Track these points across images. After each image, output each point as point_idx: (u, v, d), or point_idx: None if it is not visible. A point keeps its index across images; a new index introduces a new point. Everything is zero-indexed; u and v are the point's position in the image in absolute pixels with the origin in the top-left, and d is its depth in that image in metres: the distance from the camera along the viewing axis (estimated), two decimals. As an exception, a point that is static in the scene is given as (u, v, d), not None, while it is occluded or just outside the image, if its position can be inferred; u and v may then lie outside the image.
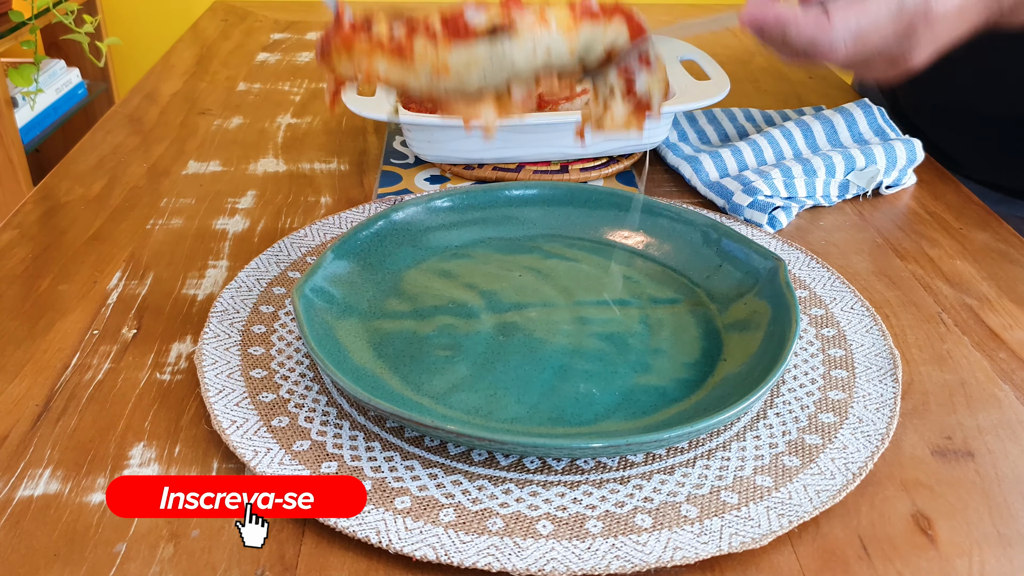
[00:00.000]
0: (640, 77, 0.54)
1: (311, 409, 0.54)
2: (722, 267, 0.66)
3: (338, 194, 0.83)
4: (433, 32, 0.50)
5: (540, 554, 0.45)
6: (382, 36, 0.51)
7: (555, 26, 0.52)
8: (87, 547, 0.46)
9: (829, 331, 0.62)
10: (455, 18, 0.51)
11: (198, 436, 0.53)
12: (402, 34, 0.50)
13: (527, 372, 0.58)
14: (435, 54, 0.50)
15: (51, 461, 0.51)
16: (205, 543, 0.46)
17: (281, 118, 1.00)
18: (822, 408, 0.55)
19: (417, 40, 0.50)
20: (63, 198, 0.82)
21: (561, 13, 0.52)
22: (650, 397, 0.56)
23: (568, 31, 0.52)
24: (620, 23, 0.53)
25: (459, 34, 0.50)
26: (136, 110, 1.03)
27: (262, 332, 0.61)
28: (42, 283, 0.68)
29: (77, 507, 0.48)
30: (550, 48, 0.51)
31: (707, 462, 0.51)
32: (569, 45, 0.52)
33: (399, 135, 0.94)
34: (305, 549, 0.46)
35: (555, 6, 0.53)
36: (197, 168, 0.88)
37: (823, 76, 1.15)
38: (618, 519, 0.47)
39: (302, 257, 0.70)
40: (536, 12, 0.52)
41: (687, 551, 0.45)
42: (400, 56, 0.50)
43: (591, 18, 0.52)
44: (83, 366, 0.59)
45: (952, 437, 0.54)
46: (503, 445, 0.49)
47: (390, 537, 0.46)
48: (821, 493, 0.48)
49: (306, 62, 1.20)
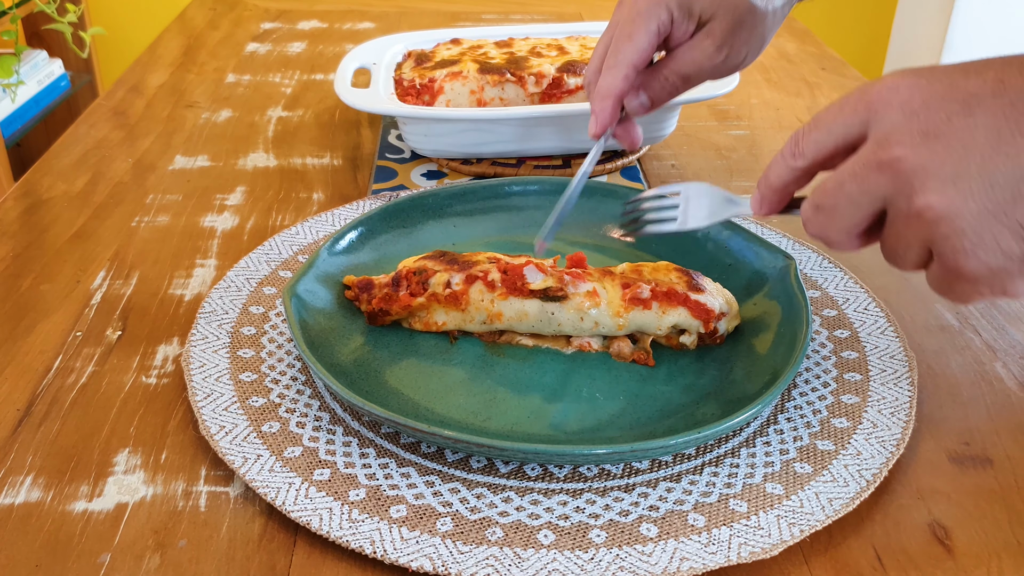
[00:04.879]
0: None
1: (303, 414, 0.54)
2: (731, 266, 0.66)
3: (331, 190, 0.83)
4: (492, 282, 0.59)
5: (541, 565, 0.45)
6: (439, 291, 0.60)
7: (605, 306, 0.58)
8: (70, 557, 0.46)
9: (842, 333, 0.62)
10: (514, 272, 0.60)
11: (185, 442, 0.53)
12: (460, 282, 0.60)
13: (527, 375, 0.58)
14: (491, 304, 0.59)
15: (32, 468, 0.51)
16: (192, 553, 0.46)
17: (272, 111, 1.00)
18: (835, 413, 0.55)
19: (474, 288, 0.59)
20: (45, 194, 0.82)
21: (614, 294, 0.58)
22: (655, 401, 0.56)
23: (616, 313, 0.58)
24: (680, 311, 0.58)
25: (515, 289, 0.59)
26: (121, 103, 1.03)
27: (252, 334, 0.61)
28: (23, 283, 0.68)
29: (60, 516, 0.48)
30: (598, 322, 0.59)
31: (715, 469, 0.51)
32: (617, 323, 0.58)
33: (394, 129, 0.94)
34: (296, 559, 0.46)
35: (610, 285, 0.59)
36: (184, 163, 0.88)
37: (835, 68, 1.15)
38: (622, 528, 0.47)
39: (293, 256, 0.70)
40: (591, 287, 0.59)
41: (694, 562, 0.45)
42: (456, 304, 0.60)
43: (642, 306, 0.58)
44: (66, 369, 0.59)
45: (970, 443, 0.54)
46: (503, 452, 0.49)
47: (385, 547, 0.46)
48: (834, 501, 0.48)
49: (298, 53, 1.20)
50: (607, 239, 0.72)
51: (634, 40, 0.63)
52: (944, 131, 0.40)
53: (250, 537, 0.47)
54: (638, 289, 0.58)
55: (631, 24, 0.63)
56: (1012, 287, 0.40)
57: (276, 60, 1.17)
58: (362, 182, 0.84)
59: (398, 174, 0.85)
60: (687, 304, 0.58)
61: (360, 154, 0.90)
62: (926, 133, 0.40)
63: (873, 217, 0.43)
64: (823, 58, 1.19)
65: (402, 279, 0.60)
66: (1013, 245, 0.39)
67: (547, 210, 0.74)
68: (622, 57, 0.63)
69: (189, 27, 1.30)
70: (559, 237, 0.72)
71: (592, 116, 0.65)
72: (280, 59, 1.17)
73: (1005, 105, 0.39)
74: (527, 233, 0.73)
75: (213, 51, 1.20)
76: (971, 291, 0.42)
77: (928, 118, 0.40)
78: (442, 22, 1.31)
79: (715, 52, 0.65)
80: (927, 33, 2.15)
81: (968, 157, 0.39)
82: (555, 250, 0.71)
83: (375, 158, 0.89)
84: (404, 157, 0.88)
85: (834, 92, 1.07)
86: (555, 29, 0.98)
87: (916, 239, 0.42)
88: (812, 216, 0.45)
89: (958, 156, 0.39)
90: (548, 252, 0.67)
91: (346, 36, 1.27)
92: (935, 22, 2.12)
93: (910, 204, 0.41)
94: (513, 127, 0.82)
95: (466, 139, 0.82)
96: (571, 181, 0.66)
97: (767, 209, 0.49)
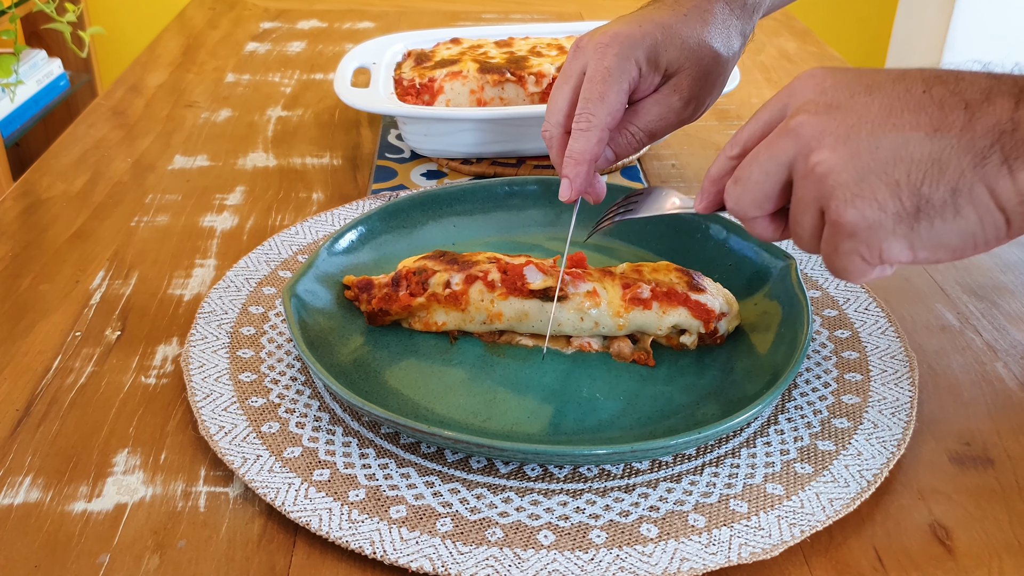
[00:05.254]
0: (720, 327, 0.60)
1: (302, 414, 0.54)
2: (732, 266, 0.66)
3: (331, 190, 0.83)
4: (491, 282, 0.59)
5: (541, 565, 0.45)
6: (439, 291, 0.60)
7: (605, 306, 0.58)
8: (69, 558, 0.46)
9: (843, 333, 0.62)
10: (514, 272, 0.59)
11: (185, 442, 0.53)
12: (460, 282, 0.59)
13: (527, 375, 0.58)
14: (491, 304, 0.59)
15: (32, 468, 0.51)
16: (192, 554, 0.46)
17: (271, 111, 1.00)
18: (835, 413, 0.55)
19: (473, 288, 0.59)
20: (44, 194, 0.82)
21: (614, 294, 0.58)
22: (656, 401, 0.56)
23: (616, 313, 0.58)
24: (681, 311, 0.59)
25: (515, 289, 0.59)
26: (120, 102, 1.03)
27: (251, 334, 0.61)
28: (22, 283, 0.68)
29: (59, 516, 0.48)
30: (598, 322, 0.59)
31: (715, 469, 0.51)
32: (617, 323, 0.58)
33: (394, 128, 0.94)
34: (296, 560, 0.46)
35: (610, 285, 0.59)
36: (184, 163, 0.88)
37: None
38: (623, 529, 0.47)
39: (293, 256, 0.70)
40: (591, 287, 0.59)
41: (695, 562, 0.45)
42: (456, 304, 0.59)
43: (642, 306, 0.58)
44: (65, 369, 0.59)
45: (971, 443, 0.54)
46: (503, 452, 0.49)
47: (385, 548, 0.46)
48: (834, 502, 0.48)
49: (297, 52, 1.20)
50: (607, 239, 0.72)
51: (607, 101, 0.60)
52: (845, 104, 0.44)
53: (249, 538, 0.47)
54: (638, 289, 0.58)
55: (603, 84, 0.60)
56: (888, 247, 0.43)
57: (276, 60, 1.17)
58: (362, 182, 0.84)
59: (398, 174, 0.85)
60: (687, 304, 0.58)
61: (360, 154, 0.90)
62: (829, 105, 0.45)
63: (782, 187, 0.47)
64: (824, 58, 1.19)
65: (402, 279, 0.61)
66: (888, 198, 0.42)
67: (547, 209, 0.74)
68: (596, 121, 0.60)
69: (188, 26, 1.30)
70: (560, 237, 0.72)
71: (565, 180, 0.61)
72: (280, 59, 1.17)
73: (901, 90, 0.43)
74: (527, 233, 0.73)
75: (212, 51, 1.20)
76: (851, 251, 0.44)
77: (834, 95, 0.45)
78: (442, 21, 1.31)
79: (682, 107, 0.64)
80: (928, 32, 2.15)
81: (861, 123, 0.43)
82: (555, 250, 0.71)
83: (375, 158, 0.89)
84: (404, 157, 0.89)
85: (835, 92, 1.07)
86: (555, 29, 0.98)
87: (811, 198, 0.45)
88: (731, 189, 0.49)
89: (852, 122, 0.43)
90: (547, 252, 0.67)
91: (346, 36, 1.27)
92: (936, 21, 2.12)
93: (807, 162, 0.44)
94: (513, 127, 0.82)
95: (466, 139, 0.82)
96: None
97: (706, 202, 0.52)
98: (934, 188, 0.41)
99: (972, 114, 0.41)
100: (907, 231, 0.43)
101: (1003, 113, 0.41)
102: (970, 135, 0.41)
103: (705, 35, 0.63)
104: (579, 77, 0.62)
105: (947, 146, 0.41)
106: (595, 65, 0.61)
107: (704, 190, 0.52)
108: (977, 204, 0.41)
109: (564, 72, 0.63)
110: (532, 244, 0.72)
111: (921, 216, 0.42)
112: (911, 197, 0.42)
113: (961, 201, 0.41)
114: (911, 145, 0.42)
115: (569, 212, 0.72)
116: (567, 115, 0.63)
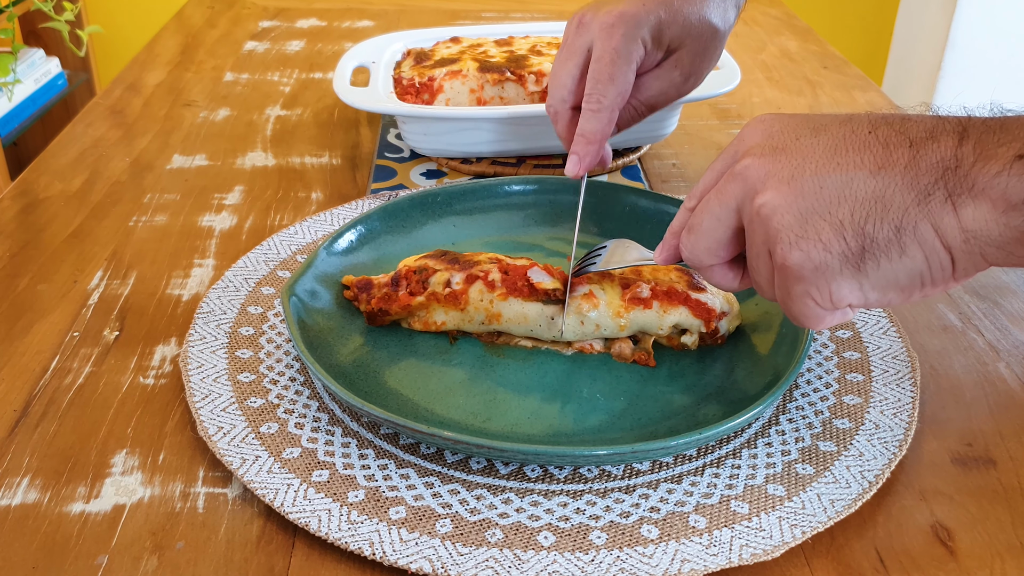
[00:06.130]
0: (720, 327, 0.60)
1: (301, 415, 0.54)
2: (732, 266, 0.66)
3: (330, 189, 0.83)
4: (492, 282, 0.59)
5: (542, 567, 0.45)
6: (439, 290, 0.60)
7: (604, 307, 0.58)
8: (67, 559, 0.46)
9: (844, 333, 0.62)
10: (516, 272, 0.59)
11: (183, 443, 0.53)
12: (460, 281, 0.59)
13: (527, 376, 0.58)
14: (491, 304, 0.59)
15: (29, 469, 0.51)
16: (190, 555, 0.46)
17: (270, 110, 1.00)
18: (837, 413, 0.55)
19: (474, 288, 0.59)
20: (42, 194, 0.82)
21: (613, 295, 0.58)
22: (656, 402, 0.56)
23: (617, 314, 0.58)
24: (681, 311, 0.59)
25: (515, 289, 0.59)
26: (118, 102, 1.03)
27: (250, 334, 0.61)
28: (20, 283, 0.68)
29: (57, 517, 0.48)
30: (599, 324, 0.59)
31: (716, 470, 0.51)
32: (618, 323, 0.58)
33: (394, 128, 0.94)
34: (295, 561, 0.46)
35: (609, 286, 0.59)
36: (182, 162, 0.88)
37: (837, 67, 1.15)
38: (623, 530, 0.47)
39: (292, 255, 0.70)
40: (587, 289, 0.59)
41: (695, 563, 0.45)
42: (455, 303, 0.59)
43: (642, 305, 0.58)
44: (63, 369, 0.59)
45: (973, 444, 0.54)
46: (503, 453, 0.49)
47: (384, 549, 0.46)
48: (836, 503, 0.48)
49: (296, 51, 1.20)
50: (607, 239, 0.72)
51: (616, 82, 0.62)
52: (791, 146, 0.44)
53: (248, 539, 0.47)
54: (638, 288, 0.58)
55: (612, 65, 0.62)
56: (836, 289, 0.43)
57: (274, 58, 1.17)
58: (361, 181, 0.84)
59: (397, 173, 0.85)
60: (688, 303, 0.58)
61: (359, 153, 0.90)
62: (775, 148, 0.45)
63: (733, 233, 0.47)
64: (825, 57, 1.19)
65: (402, 278, 0.61)
66: (832, 239, 0.42)
67: (546, 209, 0.74)
68: (607, 101, 0.62)
69: (187, 25, 1.30)
70: (559, 237, 0.72)
71: (574, 157, 0.64)
72: (278, 57, 1.17)
73: (847, 131, 0.43)
74: (527, 233, 0.73)
75: (211, 49, 1.20)
76: (803, 294, 0.44)
77: (781, 138, 0.45)
78: (442, 20, 1.31)
79: (683, 82, 0.66)
80: (930, 32, 2.15)
81: (805, 164, 0.43)
82: (555, 250, 0.71)
83: (374, 157, 0.89)
84: (403, 156, 0.89)
85: (836, 91, 1.07)
86: (555, 27, 0.98)
87: (761, 242, 0.45)
88: (684, 238, 0.49)
89: (797, 163, 0.43)
90: (547, 252, 0.67)
91: (345, 34, 1.27)
92: (938, 21, 2.12)
93: (752, 204, 0.44)
94: (513, 126, 0.82)
95: (466, 138, 0.82)
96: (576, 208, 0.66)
97: (666, 254, 0.52)
98: (878, 227, 0.41)
99: (916, 151, 0.41)
100: (854, 272, 0.42)
101: (946, 150, 0.40)
102: (914, 172, 0.41)
103: (704, 11, 0.64)
104: (583, 54, 0.64)
105: (891, 184, 0.41)
106: (603, 45, 0.62)
107: (665, 241, 0.52)
108: (923, 242, 0.41)
109: (567, 47, 0.65)
110: (532, 244, 0.72)
111: (867, 256, 0.42)
112: (855, 237, 0.42)
113: (906, 240, 0.41)
114: (855, 184, 0.42)
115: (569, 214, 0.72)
116: (572, 91, 0.65)
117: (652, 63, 0.65)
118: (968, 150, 0.40)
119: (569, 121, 0.66)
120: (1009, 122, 0.41)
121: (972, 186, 0.39)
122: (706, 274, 0.50)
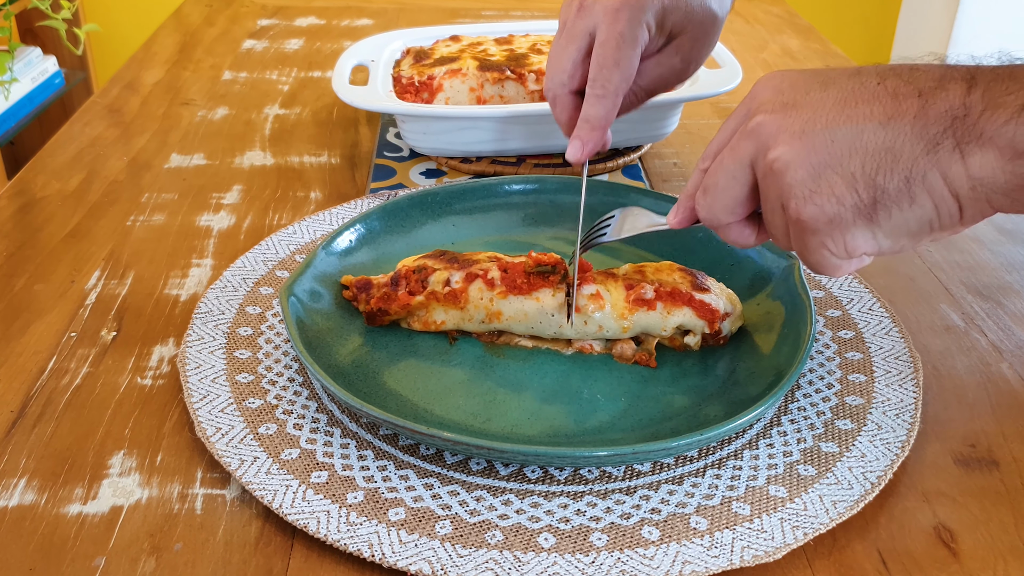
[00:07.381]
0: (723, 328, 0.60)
1: (300, 416, 0.54)
2: (733, 266, 0.66)
3: (328, 189, 0.83)
4: (491, 280, 0.59)
5: (542, 568, 0.45)
6: (438, 289, 0.60)
7: (609, 308, 0.58)
8: (64, 561, 0.46)
9: (846, 333, 0.62)
10: (515, 271, 0.59)
11: (181, 444, 0.53)
12: (460, 280, 0.59)
13: (527, 376, 0.58)
14: (490, 302, 0.59)
15: (26, 470, 0.51)
16: (188, 556, 0.46)
17: (268, 109, 1.00)
18: (839, 414, 0.55)
19: (473, 286, 0.59)
20: (39, 193, 0.82)
21: (618, 296, 0.58)
22: (658, 403, 0.56)
23: (621, 315, 0.58)
24: (685, 311, 0.59)
25: (515, 287, 0.59)
26: (116, 100, 1.03)
27: (248, 334, 0.61)
28: (17, 282, 0.68)
29: (54, 518, 0.48)
30: (603, 325, 0.59)
31: (718, 471, 0.51)
32: (622, 325, 0.58)
33: (393, 127, 0.94)
34: (294, 563, 0.46)
35: (614, 287, 0.59)
36: (180, 161, 0.88)
37: (839, 65, 1.15)
38: (624, 531, 0.47)
39: (291, 255, 0.70)
40: (594, 290, 0.59)
41: (697, 565, 0.45)
42: (455, 302, 0.59)
43: (646, 307, 0.58)
44: (60, 370, 0.59)
45: (976, 445, 0.54)
46: (502, 454, 0.49)
47: (383, 551, 0.46)
48: (838, 504, 0.48)
49: (295, 50, 1.20)
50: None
51: (621, 68, 0.62)
52: (801, 101, 0.45)
53: (247, 540, 0.47)
54: (642, 289, 0.58)
55: (617, 50, 0.61)
56: (851, 239, 0.44)
57: (273, 57, 1.17)
58: (360, 181, 0.84)
59: (397, 172, 0.85)
60: (692, 304, 0.58)
61: (358, 152, 0.90)
62: (786, 103, 0.45)
63: (750, 190, 0.47)
64: (827, 55, 1.19)
65: (401, 278, 0.61)
66: (845, 192, 0.43)
67: (546, 209, 0.74)
68: (611, 87, 0.62)
69: (185, 24, 1.30)
70: (559, 237, 0.72)
71: (577, 142, 0.63)
72: (277, 56, 1.17)
73: (856, 84, 0.44)
74: (527, 233, 0.73)
75: (209, 48, 1.20)
76: (819, 246, 0.45)
77: (791, 94, 0.46)
78: (441, 19, 1.31)
79: (683, 69, 0.66)
80: (933, 30, 2.15)
81: (816, 118, 0.44)
82: (555, 250, 0.71)
83: (373, 156, 0.89)
84: (403, 155, 0.89)
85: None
86: (555, 26, 0.98)
87: (775, 197, 0.45)
88: (700, 199, 0.49)
89: (808, 117, 0.44)
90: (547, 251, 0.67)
91: (344, 33, 1.27)
92: (940, 19, 2.12)
93: (765, 160, 0.45)
94: (513, 125, 0.82)
95: (465, 137, 0.82)
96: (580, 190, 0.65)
97: (680, 216, 0.52)
98: (889, 178, 0.42)
99: (925, 101, 0.42)
100: (867, 222, 0.43)
101: (955, 99, 0.41)
102: (923, 122, 0.42)
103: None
104: (585, 38, 0.63)
105: (900, 134, 0.42)
106: (607, 30, 0.62)
107: (679, 204, 0.52)
108: (932, 191, 0.42)
109: (568, 31, 0.64)
110: (532, 244, 0.72)
111: (879, 207, 0.43)
112: (867, 189, 0.43)
113: (916, 189, 0.42)
114: (865, 135, 0.43)
115: (569, 213, 0.72)
116: (572, 75, 0.64)
117: (654, 48, 0.65)
118: (976, 99, 0.41)
119: (568, 106, 0.65)
120: (1017, 71, 0.41)
121: (980, 135, 0.40)
122: (723, 233, 0.50)
